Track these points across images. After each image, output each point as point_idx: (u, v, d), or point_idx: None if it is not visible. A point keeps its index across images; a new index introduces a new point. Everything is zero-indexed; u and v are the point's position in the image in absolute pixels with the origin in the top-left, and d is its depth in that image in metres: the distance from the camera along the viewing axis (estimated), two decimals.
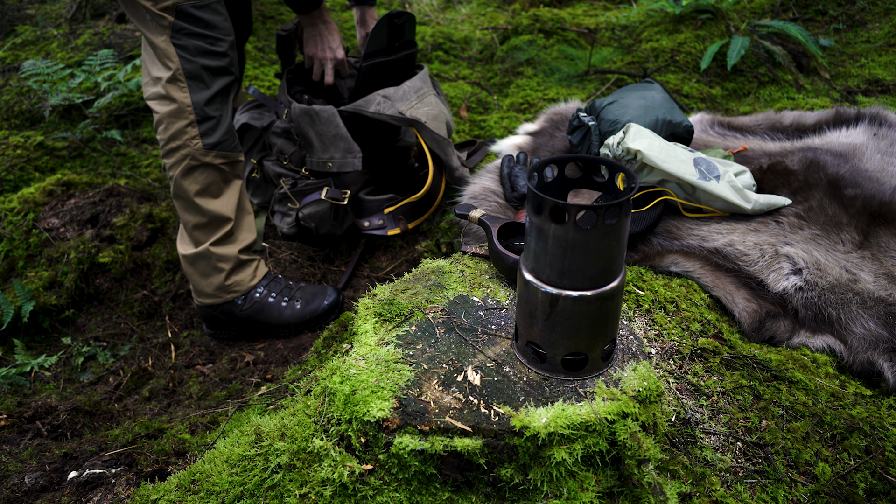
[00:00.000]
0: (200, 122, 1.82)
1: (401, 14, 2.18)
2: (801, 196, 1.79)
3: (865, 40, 3.07)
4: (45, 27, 3.68)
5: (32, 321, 2.14)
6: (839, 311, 1.55)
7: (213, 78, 1.82)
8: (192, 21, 1.75)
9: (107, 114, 2.98)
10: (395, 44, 2.22)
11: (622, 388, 1.15)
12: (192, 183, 1.86)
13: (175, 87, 1.79)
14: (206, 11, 1.77)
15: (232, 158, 1.92)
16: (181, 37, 1.76)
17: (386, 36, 2.17)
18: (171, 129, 1.82)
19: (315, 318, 2.04)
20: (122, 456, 1.53)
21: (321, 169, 2.16)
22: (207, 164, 1.86)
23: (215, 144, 1.85)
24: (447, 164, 2.22)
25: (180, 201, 1.91)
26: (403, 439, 1.09)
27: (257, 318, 2.02)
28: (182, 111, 1.80)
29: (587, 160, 1.21)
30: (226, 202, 1.93)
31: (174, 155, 1.85)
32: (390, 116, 2.10)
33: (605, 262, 1.08)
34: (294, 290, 2.06)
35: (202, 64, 1.79)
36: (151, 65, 1.83)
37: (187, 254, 1.94)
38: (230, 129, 1.90)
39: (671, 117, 1.91)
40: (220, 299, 1.99)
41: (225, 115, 1.88)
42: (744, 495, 1.21)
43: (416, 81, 2.22)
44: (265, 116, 2.33)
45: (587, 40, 3.42)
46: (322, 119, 2.09)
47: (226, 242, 1.95)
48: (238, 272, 1.99)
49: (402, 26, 2.20)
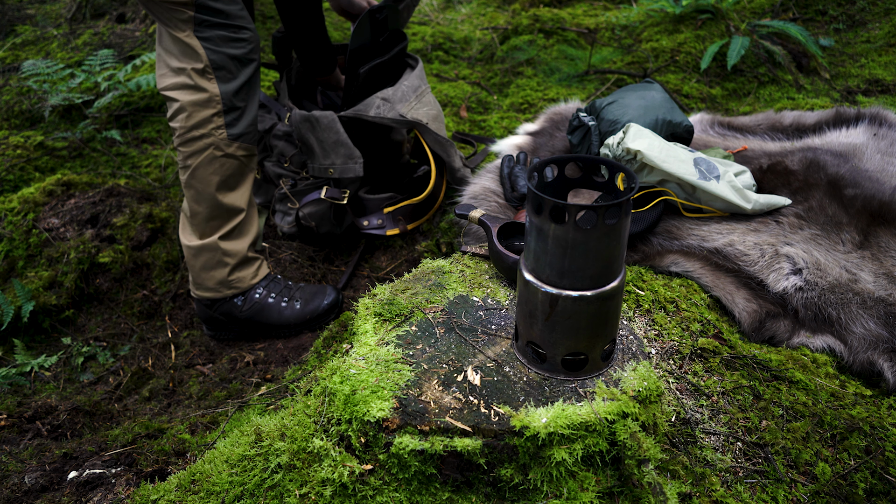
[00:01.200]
0: (227, 112, 1.82)
1: (381, 8, 2.13)
2: (801, 196, 1.79)
3: (865, 40, 3.07)
4: (45, 27, 3.68)
5: (32, 321, 2.14)
6: (839, 311, 1.55)
7: (239, 67, 1.82)
8: (211, 13, 1.75)
9: (107, 114, 2.98)
10: (380, 38, 2.19)
11: (622, 388, 1.15)
12: (213, 174, 1.86)
13: (203, 78, 1.79)
14: (223, 2, 1.77)
15: (251, 151, 1.92)
16: (204, 29, 1.76)
17: (369, 32, 2.13)
18: (195, 117, 1.80)
19: (315, 317, 2.04)
20: (122, 456, 1.53)
21: (323, 175, 2.15)
22: (230, 155, 1.86)
23: (239, 135, 1.86)
24: (449, 164, 2.22)
25: (193, 191, 1.88)
26: (403, 439, 1.09)
27: (257, 318, 2.02)
28: (210, 100, 1.80)
29: (587, 160, 1.21)
30: (241, 194, 1.93)
31: (195, 144, 1.83)
32: (392, 120, 2.09)
33: (605, 262, 1.08)
34: (294, 290, 2.06)
35: (228, 53, 1.79)
36: (170, 57, 1.82)
37: (192, 245, 1.93)
38: (253, 121, 1.89)
39: (671, 117, 1.91)
40: (219, 294, 1.98)
41: (250, 106, 1.88)
42: (744, 495, 1.21)
43: (414, 79, 2.20)
44: (266, 119, 2.32)
45: (587, 40, 3.42)
46: (322, 125, 2.08)
47: (235, 236, 1.95)
48: (242, 269, 1.99)
49: (384, 20, 2.16)
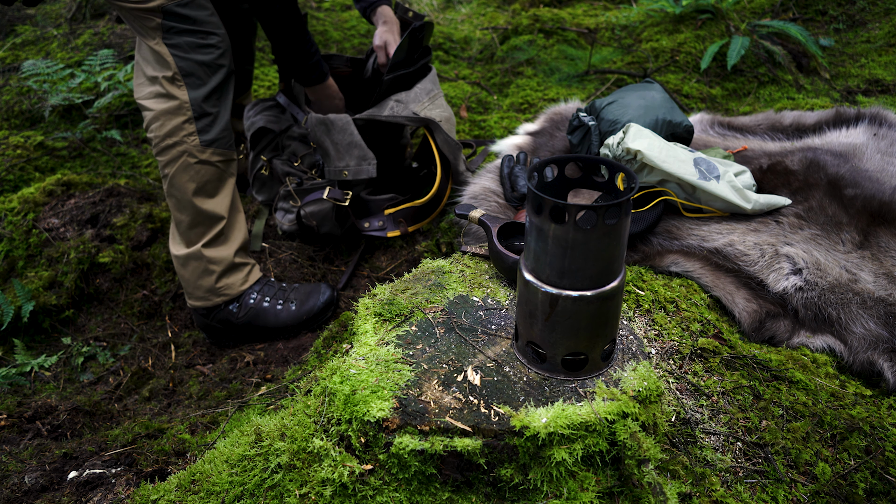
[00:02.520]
0: (198, 119, 1.82)
1: (422, 28, 2.19)
2: (801, 196, 1.79)
3: (865, 40, 3.07)
4: (45, 27, 3.68)
5: (32, 321, 2.14)
6: (839, 311, 1.55)
7: (208, 74, 1.82)
8: (179, 19, 1.76)
9: (107, 114, 2.98)
10: (415, 55, 2.25)
11: (622, 388, 1.15)
12: (188, 181, 1.86)
13: (173, 85, 1.79)
14: (191, 8, 1.77)
15: (227, 156, 1.91)
16: (172, 36, 1.77)
17: (407, 50, 2.20)
18: (167, 125, 1.81)
19: (312, 317, 2.04)
20: (122, 456, 1.53)
21: (338, 178, 2.17)
22: (204, 162, 1.86)
23: (212, 141, 1.85)
24: (454, 167, 2.24)
25: (174, 200, 1.89)
26: (403, 439, 1.09)
27: (254, 323, 2.02)
28: (180, 108, 1.80)
29: (587, 160, 1.21)
30: (221, 200, 1.93)
31: (169, 152, 1.84)
32: (405, 118, 2.14)
33: (605, 262, 1.08)
34: (288, 291, 2.06)
35: (196, 59, 1.79)
36: (146, 65, 1.83)
37: (179, 254, 1.94)
38: (227, 127, 1.89)
39: (671, 117, 1.91)
40: (209, 302, 1.98)
41: (222, 112, 1.87)
42: (744, 495, 1.21)
43: (427, 84, 2.24)
44: (282, 119, 2.34)
45: (587, 40, 3.42)
46: (337, 128, 2.11)
47: (219, 243, 1.94)
48: (229, 275, 1.98)
49: (421, 39, 2.23)
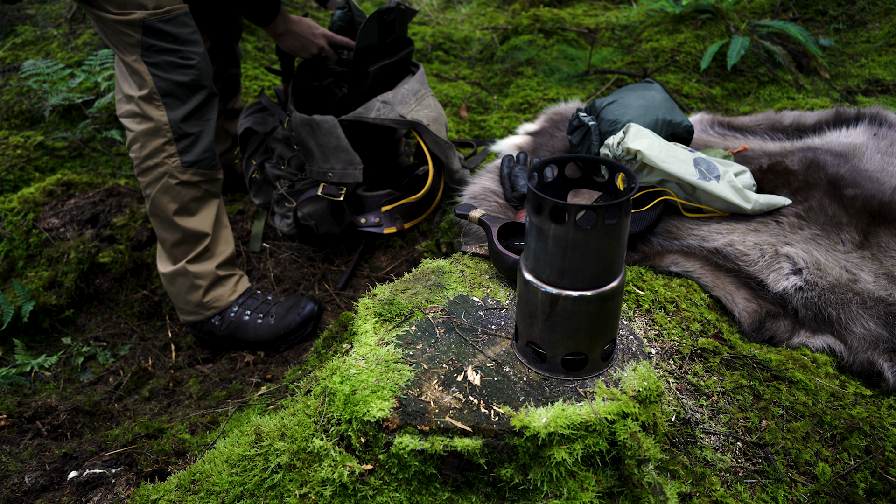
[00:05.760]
0: (178, 140, 1.80)
1: (390, 10, 2.12)
2: (801, 196, 1.79)
3: (865, 40, 3.07)
4: (45, 27, 3.68)
5: (32, 321, 2.14)
6: (839, 311, 1.55)
7: (188, 94, 1.79)
8: (159, 36, 1.72)
9: (107, 114, 2.97)
10: (387, 40, 2.18)
11: (622, 388, 1.15)
12: (170, 202, 1.84)
13: (150, 105, 1.77)
14: (173, 25, 1.73)
15: (210, 176, 1.89)
16: (151, 54, 1.73)
17: (376, 34, 2.12)
18: (147, 147, 1.79)
19: (288, 332, 2.00)
20: (122, 456, 1.53)
21: (322, 179, 2.14)
22: (185, 182, 1.84)
23: (194, 162, 1.84)
24: (448, 166, 2.22)
25: (157, 219, 1.88)
26: (403, 439, 1.09)
27: (235, 336, 2.00)
28: (159, 129, 1.78)
29: (587, 160, 1.21)
30: (203, 219, 1.91)
31: (150, 173, 1.82)
32: (392, 120, 2.09)
33: (605, 262, 1.08)
34: (271, 305, 2.03)
35: (175, 80, 1.76)
36: (124, 82, 1.80)
37: (166, 272, 1.93)
38: (209, 147, 1.87)
39: (671, 117, 1.91)
40: (200, 316, 1.97)
41: (205, 132, 1.85)
42: (744, 495, 1.21)
43: (414, 84, 2.20)
44: (269, 121, 2.32)
45: (587, 40, 3.42)
46: (323, 130, 2.06)
47: (202, 259, 1.93)
48: (216, 288, 1.97)
49: (391, 22, 2.15)
